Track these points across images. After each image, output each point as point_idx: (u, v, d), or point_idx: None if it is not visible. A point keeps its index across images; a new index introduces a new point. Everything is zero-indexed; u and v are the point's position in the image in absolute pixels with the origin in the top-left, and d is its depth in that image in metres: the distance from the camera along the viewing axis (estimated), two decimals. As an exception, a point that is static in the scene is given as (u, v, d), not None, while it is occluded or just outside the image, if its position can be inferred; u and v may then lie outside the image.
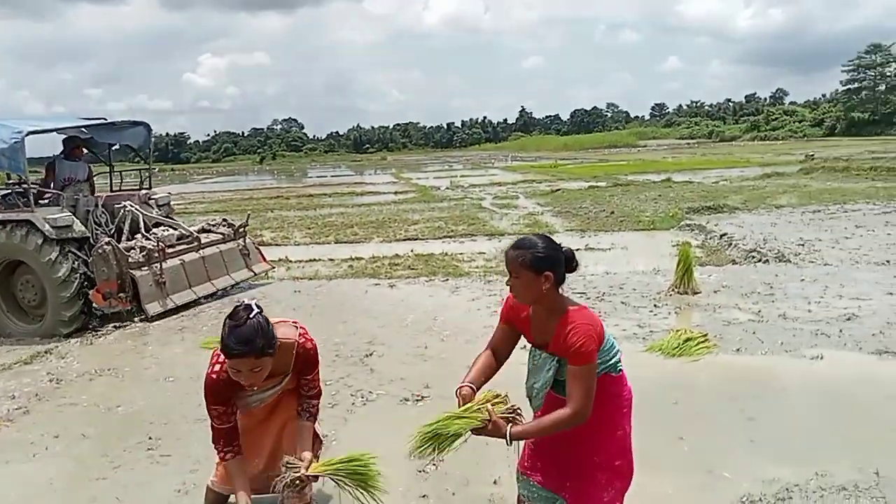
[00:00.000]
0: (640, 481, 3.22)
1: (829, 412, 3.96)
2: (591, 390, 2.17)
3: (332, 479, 2.58)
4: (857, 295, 6.30)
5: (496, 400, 2.26)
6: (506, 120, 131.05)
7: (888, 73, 67.97)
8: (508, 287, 2.31)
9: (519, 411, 2.25)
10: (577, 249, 10.01)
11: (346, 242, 12.47)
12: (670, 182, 24.86)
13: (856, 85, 68.84)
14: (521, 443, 2.40)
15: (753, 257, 10.11)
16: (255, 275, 8.53)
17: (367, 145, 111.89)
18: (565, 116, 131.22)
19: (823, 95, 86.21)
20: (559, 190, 23.25)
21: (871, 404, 3.98)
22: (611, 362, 2.32)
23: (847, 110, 68.71)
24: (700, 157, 44.05)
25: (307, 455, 2.65)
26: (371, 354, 5.41)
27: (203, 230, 8.39)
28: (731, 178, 26.52)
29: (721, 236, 12.26)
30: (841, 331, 5.24)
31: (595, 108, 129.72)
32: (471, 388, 2.31)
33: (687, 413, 4.03)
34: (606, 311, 6.34)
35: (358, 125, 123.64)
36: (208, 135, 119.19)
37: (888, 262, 8.27)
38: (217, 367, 2.62)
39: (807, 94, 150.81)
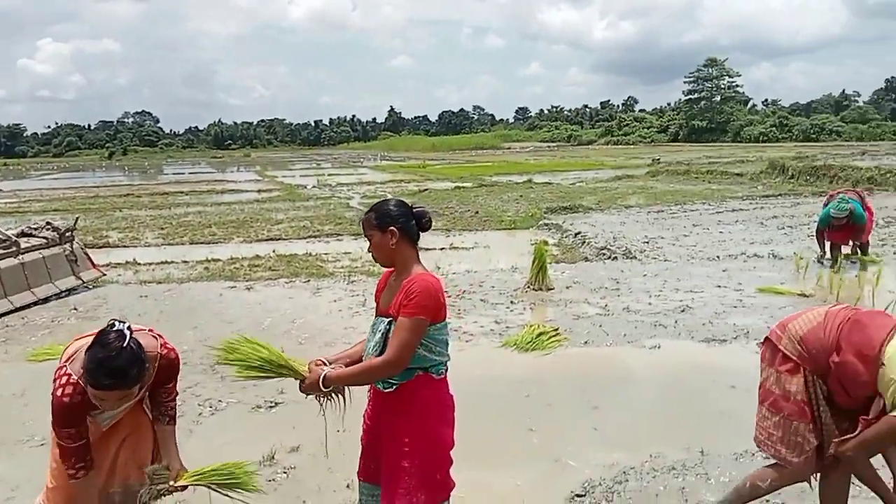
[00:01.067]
0: (488, 476, 3.33)
1: (665, 397, 4.26)
2: (409, 343, 2.16)
3: (207, 488, 2.46)
4: (691, 288, 6.85)
5: None
6: (375, 119, 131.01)
7: (723, 86, 75.00)
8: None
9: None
10: (442, 249, 10.17)
11: (202, 243, 11.84)
12: (531, 183, 25.88)
13: (696, 95, 75.37)
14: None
15: (604, 254, 10.71)
16: (84, 283, 7.85)
17: (230, 142, 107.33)
18: (434, 117, 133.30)
19: (669, 104, 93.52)
20: (427, 190, 23.49)
21: (700, 388, 4.34)
22: (435, 359, 2.29)
23: (688, 118, 75.04)
24: (559, 159, 46.25)
25: (175, 465, 2.48)
26: (223, 361, 5.15)
27: (23, 234, 7.62)
28: (587, 179, 28.05)
29: (575, 235, 12.89)
30: (676, 321, 5.67)
31: (462, 110, 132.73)
32: (322, 361, 2.35)
33: (538, 405, 4.17)
34: (466, 308, 6.46)
35: (219, 120, 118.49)
36: (49, 127, 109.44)
37: (718, 257, 9.08)
38: (68, 390, 2.30)
39: (655, 103, 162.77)
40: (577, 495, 3.10)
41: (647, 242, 11.43)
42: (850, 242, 8.05)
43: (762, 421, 2.65)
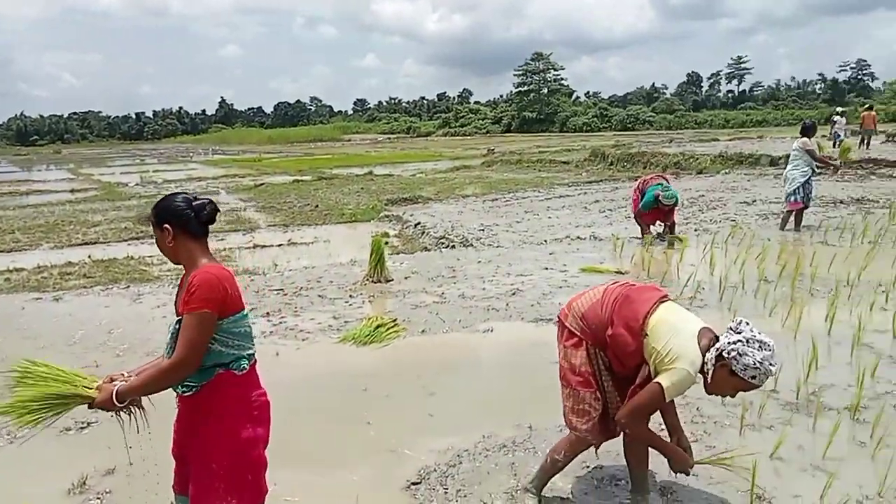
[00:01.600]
0: (323, 475, 3.26)
1: (497, 378, 4.43)
2: (196, 340, 2.07)
3: None
4: (522, 272, 7.18)
5: None
6: (204, 111, 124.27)
7: (549, 79, 79.47)
8: None
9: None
10: (280, 245, 9.77)
11: (2, 252, 10.53)
12: (372, 175, 25.83)
13: (525, 88, 79.20)
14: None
15: (443, 243, 10.92)
16: None
17: (36, 137, 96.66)
18: (269, 109, 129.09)
19: (501, 96, 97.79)
20: (263, 184, 22.65)
21: (529, 366, 4.55)
22: (233, 353, 2.19)
23: (520, 110, 78.72)
24: (399, 151, 46.61)
25: None
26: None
27: None
28: (427, 171, 28.50)
29: (415, 225, 13.04)
30: (507, 304, 5.91)
31: (299, 101, 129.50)
32: (117, 376, 2.19)
33: (375, 397, 4.16)
34: (303, 305, 6.30)
35: (22, 113, 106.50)
36: None
37: (546, 241, 9.60)
38: None
39: (488, 95, 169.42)
40: (413, 483, 3.12)
41: (483, 230, 11.83)
42: (660, 223, 8.88)
43: (560, 394, 2.85)
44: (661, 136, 44.43)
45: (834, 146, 21.22)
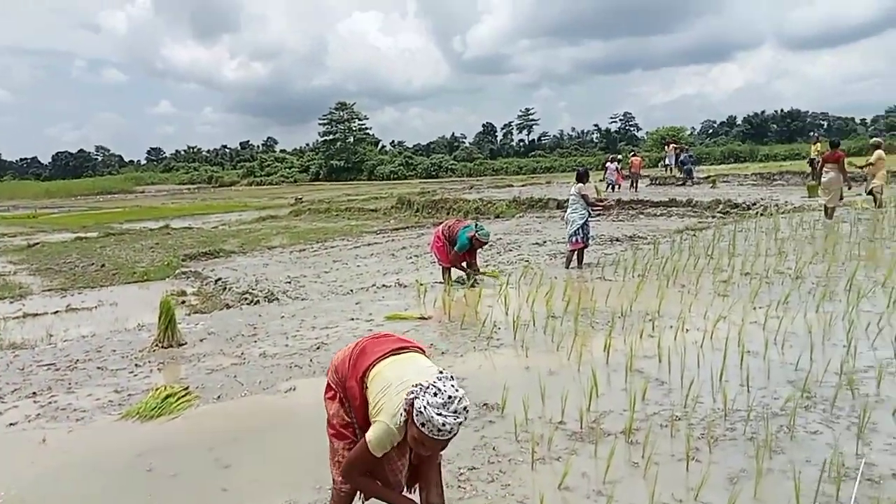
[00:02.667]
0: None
1: (297, 440, 4.24)
2: None
3: None
4: (327, 324, 7.06)
5: None
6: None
7: (354, 128, 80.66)
8: None
9: None
10: (57, 312, 8.76)
11: None
12: (169, 229, 24.23)
13: (331, 136, 79.60)
14: None
15: (246, 299, 10.45)
16: None
17: None
18: (46, 159, 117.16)
19: (308, 144, 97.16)
20: (39, 244, 20.26)
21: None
22: None
23: (327, 158, 78.80)
24: (200, 202, 44.28)
25: None
26: None
27: None
28: (230, 222, 27.34)
29: (216, 281, 12.36)
30: (311, 360, 5.75)
31: (82, 151, 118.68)
32: None
33: (161, 477, 3.79)
34: (79, 380, 5.62)
35: None
36: None
37: (353, 290, 9.59)
38: None
39: (294, 143, 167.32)
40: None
41: (290, 282, 11.53)
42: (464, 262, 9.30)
43: None
44: (463, 183, 46.87)
45: (609, 189, 23.81)
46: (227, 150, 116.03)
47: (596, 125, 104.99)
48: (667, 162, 29.86)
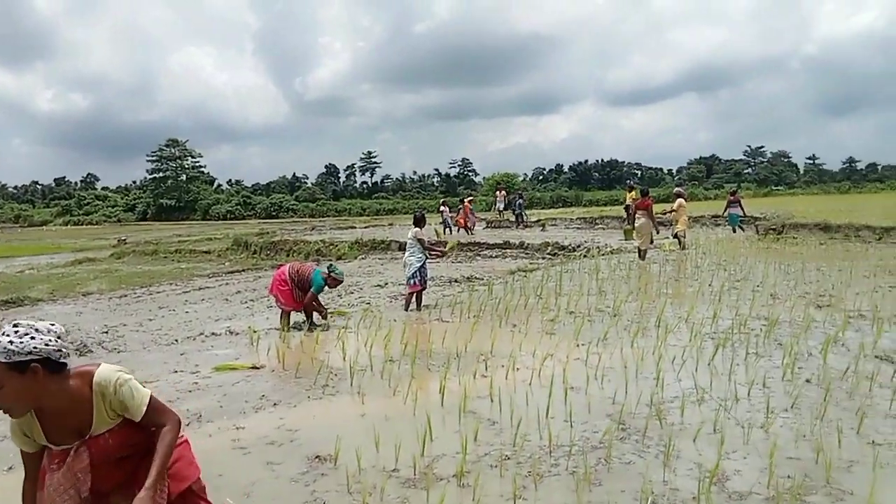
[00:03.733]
0: None
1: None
2: None
3: None
4: (146, 378, 6.49)
5: None
6: None
7: (187, 166, 76.84)
8: None
9: None
10: None
11: None
12: (-39, 274, 21.37)
13: (161, 174, 75.14)
14: None
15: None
16: None
17: None
18: None
19: (134, 182, 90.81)
20: None
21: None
22: None
23: (156, 197, 74.14)
24: (4, 243, 39.62)
25: None
26: None
27: None
28: (39, 265, 24.70)
29: (18, 333, 11.03)
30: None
31: None
32: None
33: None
34: None
35: None
36: None
37: (177, 340, 8.96)
38: None
39: (118, 180, 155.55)
40: None
41: (107, 332, 10.54)
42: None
43: None
44: (305, 224, 46.09)
45: (447, 231, 24.57)
46: (38, 186, 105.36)
47: (436, 169, 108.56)
48: (498, 207, 31.40)
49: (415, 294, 9.97)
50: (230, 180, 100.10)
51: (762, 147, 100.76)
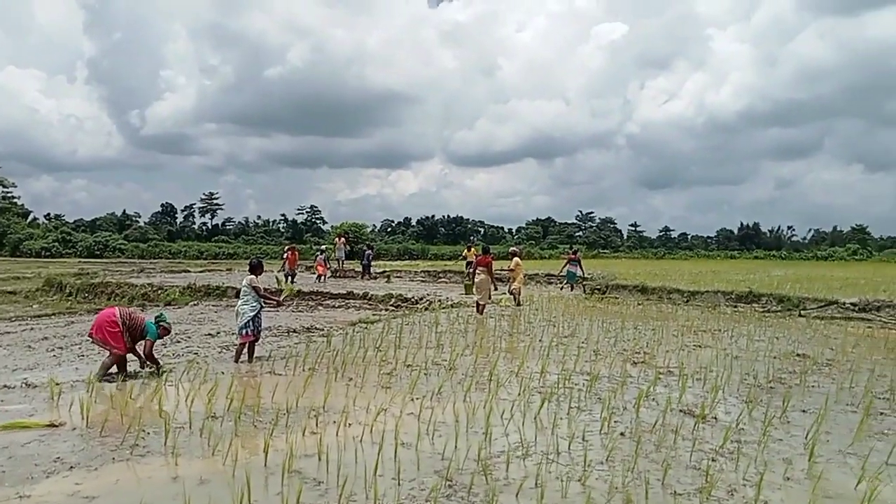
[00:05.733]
0: None
1: None
2: None
3: None
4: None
5: None
6: None
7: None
8: None
9: None
10: None
11: None
12: None
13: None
14: None
15: None
16: None
17: None
18: None
19: (-72, 210, 79.32)
20: None
21: None
22: None
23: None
24: None
25: None
26: None
27: None
28: None
29: None
30: None
31: None
32: None
33: None
34: None
35: None
36: None
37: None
38: None
39: None
40: None
41: None
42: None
43: None
44: (133, 265, 42.75)
45: (288, 279, 23.83)
46: None
47: (283, 215, 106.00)
48: (337, 255, 30.92)
49: (247, 344, 9.48)
50: (48, 214, 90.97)
51: (592, 212, 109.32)
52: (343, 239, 32.59)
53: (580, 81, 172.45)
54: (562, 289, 23.60)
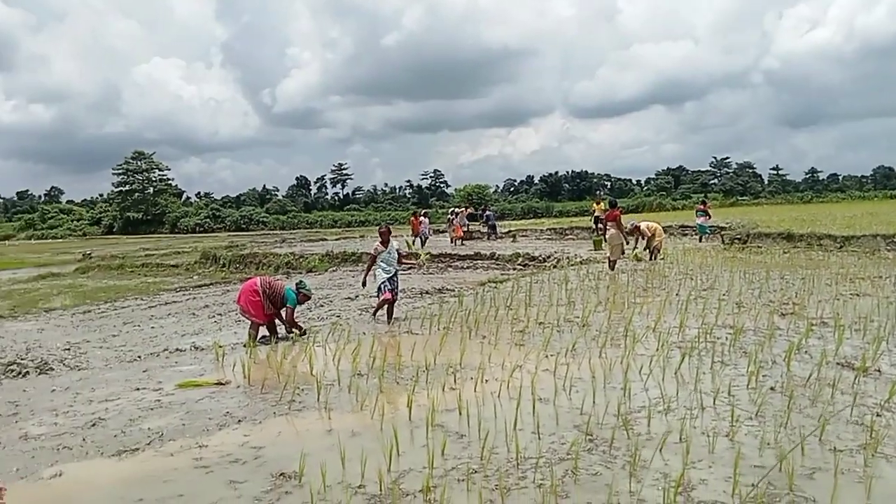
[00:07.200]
0: None
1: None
2: None
3: None
4: (107, 396, 6.34)
5: None
6: None
7: (154, 178, 75.66)
8: None
9: None
10: None
11: None
12: (-83, 291, 20.75)
13: (128, 187, 73.87)
14: None
15: (12, 371, 9.16)
16: None
17: None
18: None
19: (101, 195, 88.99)
20: None
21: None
22: None
23: (122, 210, 72.86)
24: (-38, 258, 38.56)
25: None
26: None
27: None
28: (2, 281, 24.13)
29: (-25, 352, 10.72)
30: (84, 439, 5.10)
31: None
32: None
33: None
34: None
35: None
36: None
37: (140, 357, 8.77)
38: None
39: (84, 193, 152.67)
40: None
41: (69, 349, 10.32)
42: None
43: None
44: (275, 236, 45.65)
45: (419, 243, 24.48)
46: (1, 199, 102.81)
47: (408, 181, 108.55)
48: (460, 221, 30.95)
49: (386, 305, 9.91)
50: (199, 193, 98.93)
51: (727, 158, 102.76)
52: (464, 209, 32.92)
53: (710, 18, 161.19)
54: (700, 240, 22.50)
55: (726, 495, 3.67)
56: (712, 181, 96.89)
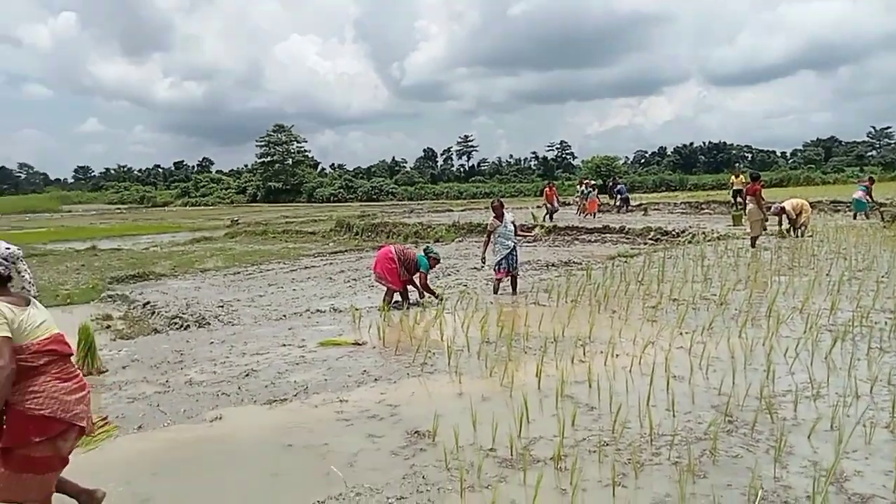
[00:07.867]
0: None
1: (222, 471, 4.09)
2: None
3: None
4: (258, 350, 6.88)
5: None
6: None
7: (293, 150, 79.79)
8: None
9: None
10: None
11: None
12: (96, 250, 23.34)
13: (269, 158, 78.46)
14: None
15: (175, 324, 10.13)
16: None
17: None
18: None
19: (245, 166, 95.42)
20: (-50, 265, 19.12)
21: (258, 454, 4.30)
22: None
23: (265, 180, 77.59)
24: (131, 223, 42.84)
25: None
26: None
27: None
28: (162, 243, 26.53)
29: (144, 305, 11.95)
30: (240, 387, 5.58)
31: (4, 168, 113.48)
32: None
33: (72, 516, 3.58)
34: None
35: None
36: None
37: (286, 315, 9.40)
38: None
39: (231, 164, 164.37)
40: None
41: (223, 307, 11.23)
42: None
43: None
44: (403, 207, 46.90)
45: (547, 216, 24.20)
46: (160, 169, 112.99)
47: (534, 153, 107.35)
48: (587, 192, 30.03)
49: (510, 278, 9.95)
50: (333, 164, 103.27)
51: (888, 128, 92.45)
52: (587, 181, 32.01)
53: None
54: (854, 217, 20.56)
55: (886, 490, 3.41)
56: (870, 153, 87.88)
